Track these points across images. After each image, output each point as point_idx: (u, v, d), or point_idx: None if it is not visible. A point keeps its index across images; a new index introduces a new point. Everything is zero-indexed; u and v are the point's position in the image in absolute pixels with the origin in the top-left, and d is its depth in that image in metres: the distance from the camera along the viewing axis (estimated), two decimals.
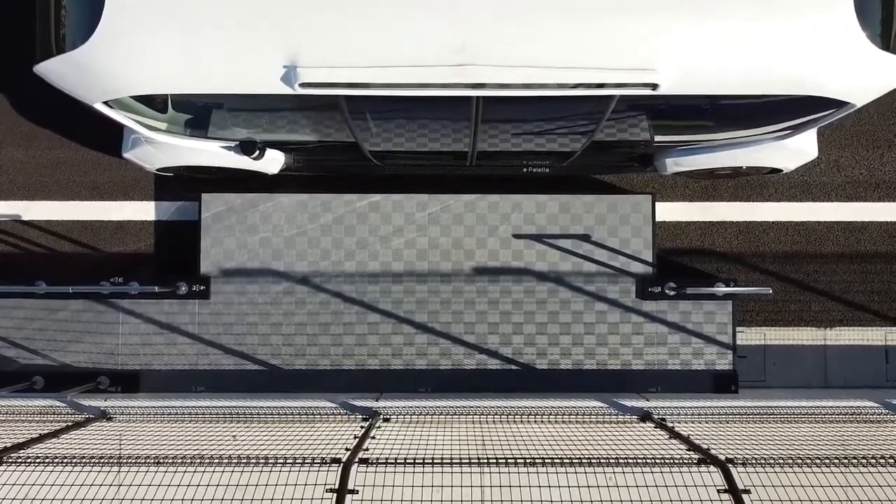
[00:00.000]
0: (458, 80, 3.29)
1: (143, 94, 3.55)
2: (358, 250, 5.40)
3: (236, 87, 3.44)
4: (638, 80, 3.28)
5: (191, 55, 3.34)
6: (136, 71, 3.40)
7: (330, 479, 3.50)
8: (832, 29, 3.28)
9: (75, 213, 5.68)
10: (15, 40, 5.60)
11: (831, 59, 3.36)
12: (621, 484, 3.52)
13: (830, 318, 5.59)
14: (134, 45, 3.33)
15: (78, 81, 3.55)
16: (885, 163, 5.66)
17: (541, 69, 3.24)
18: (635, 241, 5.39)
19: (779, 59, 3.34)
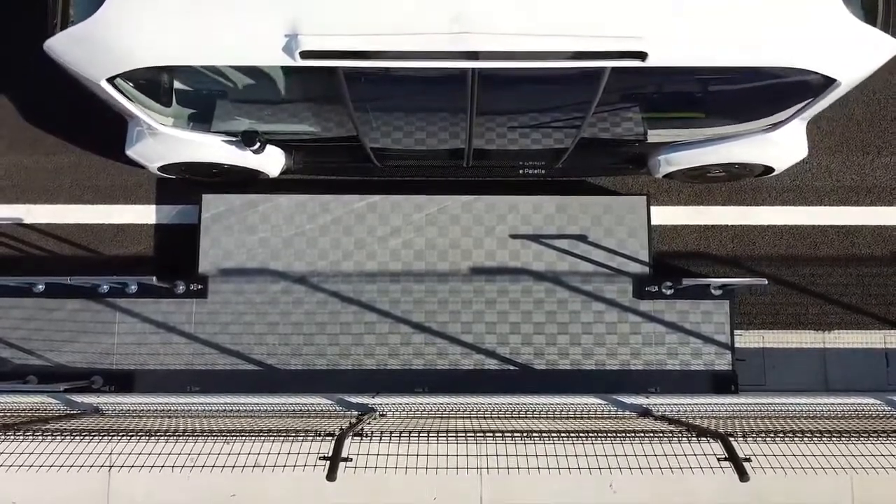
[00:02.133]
0: (454, 48, 3.40)
1: (147, 66, 3.64)
2: (356, 250, 5.44)
3: (239, 59, 3.55)
4: (626, 48, 3.39)
5: (196, 26, 3.46)
6: (142, 42, 3.52)
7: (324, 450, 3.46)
8: (812, 3, 3.42)
9: (76, 217, 5.75)
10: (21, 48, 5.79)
11: (813, 31, 3.49)
12: (620, 454, 3.46)
13: (829, 322, 5.58)
14: (141, 16, 3.45)
15: (85, 56, 3.66)
16: (875, 168, 5.76)
17: (532, 37, 3.36)
18: (631, 241, 5.43)
19: (762, 31, 3.46)
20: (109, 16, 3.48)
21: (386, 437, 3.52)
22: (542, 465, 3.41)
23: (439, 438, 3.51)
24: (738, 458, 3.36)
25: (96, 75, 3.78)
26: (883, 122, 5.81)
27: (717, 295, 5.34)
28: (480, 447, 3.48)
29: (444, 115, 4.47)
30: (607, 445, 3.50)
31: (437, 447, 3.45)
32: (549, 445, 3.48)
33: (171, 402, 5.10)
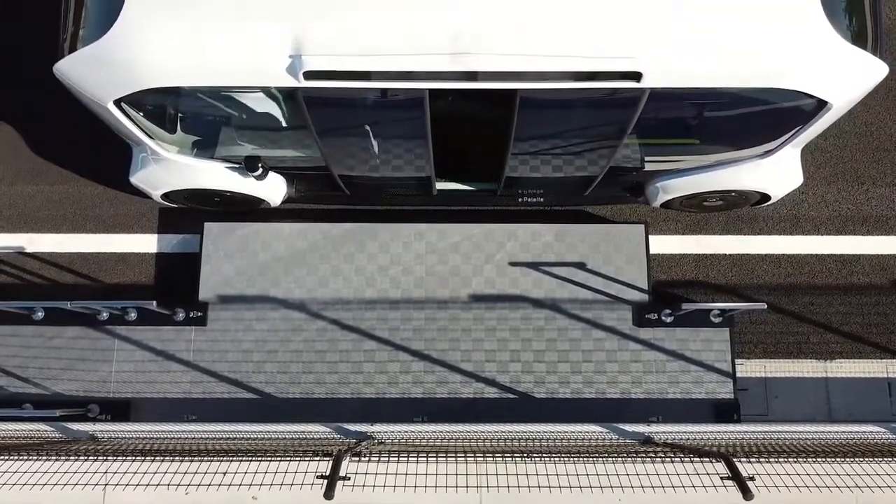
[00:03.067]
0: (454, 69, 3.49)
1: (154, 88, 3.72)
2: (355, 277, 5.45)
3: (244, 80, 3.63)
4: (621, 69, 3.47)
5: (202, 48, 3.55)
6: (149, 64, 3.60)
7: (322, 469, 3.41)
8: (801, 22, 3.51)
9: (78, 246, 5.78)
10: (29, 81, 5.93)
11: (804, 54, 3.57)
12: (622, 472, 3.42)
13: (830, 351, 5.55)
14: (148, 38, 3.55)
15: (93, 78, 3.75)
16: (870, 198, 5.82)
17: (529, 58, 3.45)
18: (630, 269, 5.45)
19: (752, 52, 3.55)
20: (117, 39, 3.57)
21: (384, 457, 3.47)
22: (543, 485, 3.36)
23: (438, 458, 3.47)
24: (742, 477, 3.32)
25: (104, 98, 3.86)
26: (877, 152, 5.90)
27: (717, 322, 5.33)
28: (480, 466, 3.43)
29: (407, 141, 4.52)
30: (609, 465, 3.46)
31: (437, 466, 3.41)
32: (549, 465, 3.43)
33: (167, 431, 5.06)
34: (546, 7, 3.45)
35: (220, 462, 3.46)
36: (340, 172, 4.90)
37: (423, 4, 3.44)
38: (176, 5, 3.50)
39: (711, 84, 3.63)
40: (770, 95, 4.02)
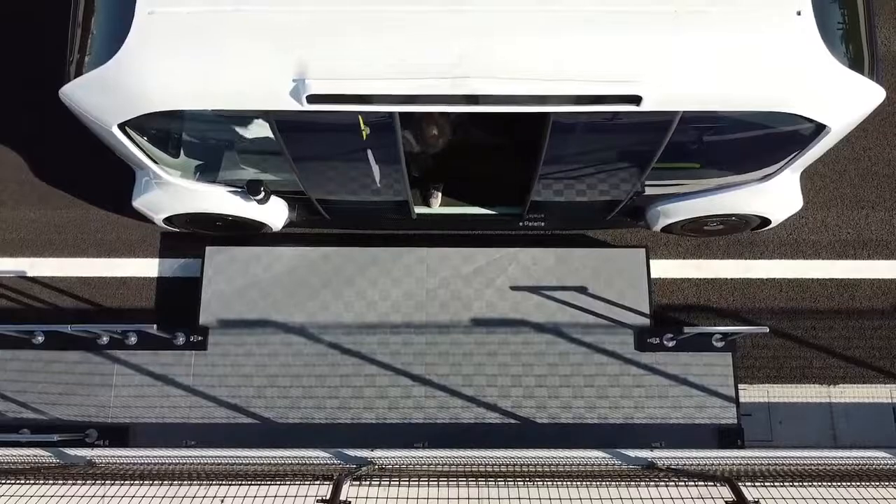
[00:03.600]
0: (455, 92, 3.52)
1: (159, 111, 3.75)
2: (357, 301, 5.45)
3: (248, 104, 3.67)
4: (622, 92, 3.51)
5: (207, 72, 3.59)
6: (154, 87, 3.64)
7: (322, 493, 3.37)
8: (797, 47, 3.56)
9: (79, 270, 5.78)
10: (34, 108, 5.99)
11: (803, 78, 3.61)
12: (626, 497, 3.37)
13: (833, 375, 5.52)
14: (153, 62, 3.59)
15: (99, 102, 3.78)
16: (870, 223, 5.83)
17: (529, 81, 3.49)
18: (631, 293, 5.44)
19: (750, 76, 3.59)
20: (123, 64, 3.61)
21: (385, 482, 3.44)
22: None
23: (440, 482, 3.43)
24: (747, 501, 3.28)
25: (109, 122, 3.89)
26: (875, 178, 5.93)
27: (720, 347, 5.31)
28: (482, 490, 3.39)
29: (382, 164, 4.54)
30: (612, 489, 3.42)
31: (438, 490, 3.37)
32: (552, 489, 3.40)
33: (165, 456, 5.01)
34: (547, 32, 3.49)
35: (220, 486, 3.42)
36: (317, 196, 4.92)
37: (425, 29, 3.49)
38: (180, 31, 3.55)
39: (711, 108, 3.66)
40: (769, 119, 4.06)
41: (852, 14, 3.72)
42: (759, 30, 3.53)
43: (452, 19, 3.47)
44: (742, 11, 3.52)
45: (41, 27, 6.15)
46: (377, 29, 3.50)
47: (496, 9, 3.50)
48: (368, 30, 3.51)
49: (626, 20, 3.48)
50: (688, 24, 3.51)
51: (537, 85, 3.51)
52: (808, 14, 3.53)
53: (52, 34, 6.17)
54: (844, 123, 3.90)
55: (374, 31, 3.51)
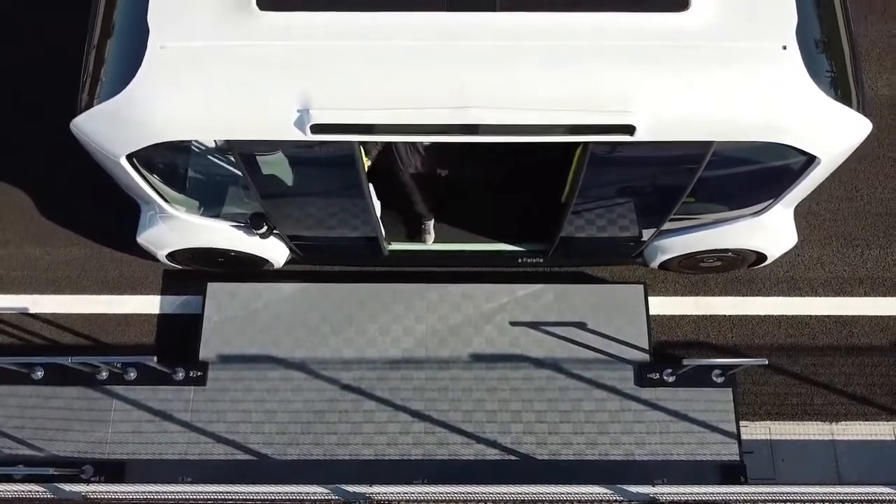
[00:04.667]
0: (455, 122, 3.64)
1: (167, 141, 3.86)
2: (356, 337, 5.46)
3: (254, 134, 3.78)
4: (616, 122, 3.63)
5: (213, 103, 3.71)
6: (163, 118, 3.76)
7: None
8: (783, 80, 3.68)
9: (81, 307, 5.82)
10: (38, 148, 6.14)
11: (792, 110, 3.73)
12: None
13: (835, 412, 5.50)
14: (163, 95, 3.71)
15: (108, 133, 3.89)
16: (865, 260, 5.90)
17: (526, 111, 3.61)
18: (630, 328, 5.47)
19: (740, 107, 3.71)
20: (133, 95, 3.74)
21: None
22: None
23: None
24: None
25: (117, 152, 4.00)
26: (868, 216, 6.02)
27: (720, 382, 5.31)
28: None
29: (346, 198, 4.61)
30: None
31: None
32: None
33: (161, 492, 4.96)
34: (543, 65, 3.63)
35: None
36: (287, 232, 5.00)
37: (426, 62, 3.63)
38: (190, 64, 3.69)
39: (701, 138, 3.77)
40: (761, 151, 4.17)
41: (837, 50, 3.87)
42: (747, 63, 3.67)
43: (453, 53, 3.61)
44: (731, 46, 3.67)
45: (45, 68, 6.34)
46: (380, 62, 3.64)
47: (495, 43, 3.65)
48: (371, 63, 3.65)
49: (621, 54, 3.62)
50: (681, 59, 3.65)
51: (534, 114, 3.63)
52: (794, 49, 3.68)
53: (56, 75, 6.40)
54: (833, 155, 4.00)
55: (376, 64, 3.64)
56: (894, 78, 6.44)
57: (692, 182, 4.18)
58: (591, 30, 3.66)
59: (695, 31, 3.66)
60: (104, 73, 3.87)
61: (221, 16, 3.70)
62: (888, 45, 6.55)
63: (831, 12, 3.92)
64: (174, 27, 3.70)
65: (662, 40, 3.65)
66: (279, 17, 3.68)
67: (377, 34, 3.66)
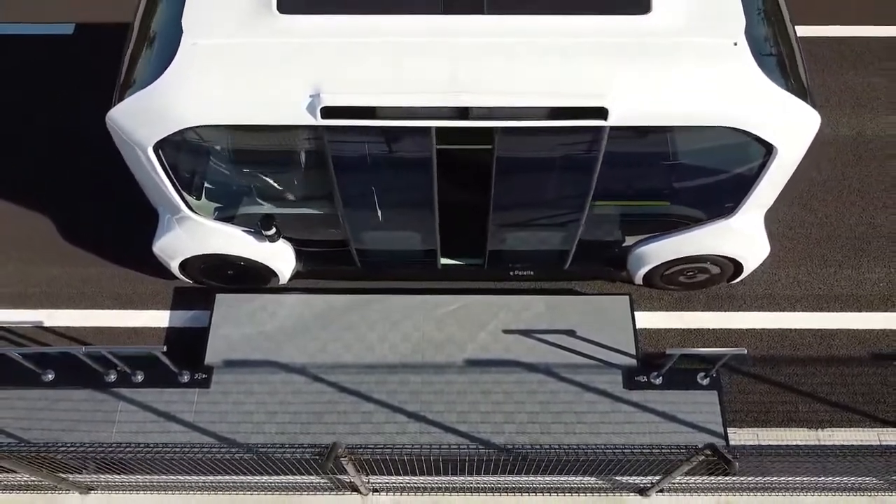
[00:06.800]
0: (449, 104, 4.11)
1: (194, 126, 4.31)
2: (356, 344, 5.71)
3: (272, 118, 4.24)
4: (590, 104, 4.11)
5: (236, 90, 4.19)
6: (190, 104, 4.22)
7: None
8: (735, 71, 4.18)
9: (94, 321, 6.09)
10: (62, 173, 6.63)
11: (738, 95, 4.18)
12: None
13: (820, 419, 5.65)
14: (191, 83, 4.20)
15: (140, 122, 4.35)
16: (839, 279, 6.23)
17: (510, 95, 4.10)
18: (618, 336, 5.72)
19: (698, 95, 4.18)
20: (164, 84, 4.23)
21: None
22: None
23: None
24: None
25: (147, 141, 4.44)
26: (839, 240, 6.41)
27: (705, 385, 5.51)
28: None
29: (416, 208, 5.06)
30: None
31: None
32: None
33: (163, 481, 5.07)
34: (526, 57, 4.14)
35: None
36: (358, 245, 5.42)
37: (425, 54, 4.14)
38: (217, 57, 4.20)
39: (667, 122, 4.23)
40: (722, 148, 4.62)
41: (782, 48, 4.41)
42: (703, 57, 4.19)
43: (447, 47, 4.14)
44: (689, 43, 4.20)
45: (61, 89, 6.94)
46: (383, 55, 4.16)
47: (483, 40, 4.19)
48: (376, 56, 4.16)
49: (594, 49, 4.15)
50: (645, 54, 4.18)
51: (518, 98, 4.11)
52: (744, 45, 4.21)
53: (76, 96, 6.99)
54: (788, 144, 4.44)
55: (380, 57, 4.16)
56: (853, 120, 7.03)
57: (594, 172, 4.57)
58: (566, 29, 4.21)
59: (656, 30, 4.21)
60: (139, 70, 4.39)
61: (247, 18, 4.26)
62: (845, 91, 7.19)
63: (777, 17, 4.50)
64: (205, 27, 4.25)
65: (629, 38, 4.19)
66: (297, 19, 4.24)
67: (381, 33, 4.20)
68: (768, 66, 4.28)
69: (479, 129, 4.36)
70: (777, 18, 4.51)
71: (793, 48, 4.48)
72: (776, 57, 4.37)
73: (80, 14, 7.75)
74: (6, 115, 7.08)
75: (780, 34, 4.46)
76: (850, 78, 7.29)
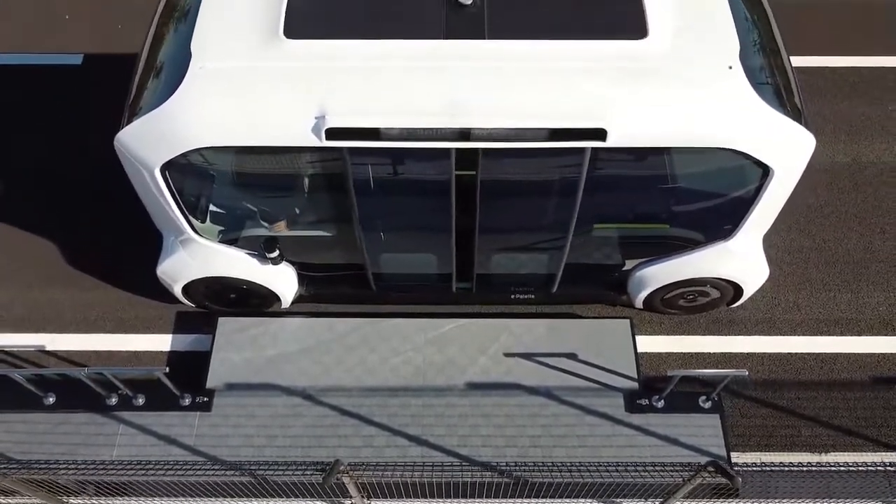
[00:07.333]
0: (451, 126, 4.19)
1: (203, 147, 4.38)
2: (357, 367, 5.71)
3: (277, 140, 4.31)
4: (590, 126, 4.19)
5: (244, 112, 4.27)
6: (197, 126, 4.30)
7: None
8: (730, 94, 4.26)
9: (96, 345, 6.10)
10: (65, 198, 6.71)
11: (734, 117, 4.26)
12: None
13: (823, 444, 5.62)
14: (198, 106, 4.28)
15: (147, 144, 4.42)
16: (838, 303, 6.25)
17: (511, 117, 4.19)
18: (619, 359, 5.73)
19: (695, 117, 4.26)
20: (172, 107, 4.31)
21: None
22: None
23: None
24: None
25: (154, 163, 4.52)
26: (837, 264, 6.46)
27: (707, 408, 5.50)
28: None
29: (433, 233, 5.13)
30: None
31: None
32: None
33: None
34: (527, 80, 4.24)
35: None
36: (374, 269, 5.48)
37: (426, 78, 4.24)
38: (224, 80, 4.29)
39: (665, 144, 4.31)
40: (720, 171, 4.70)
41: (776, 72, 4.51)
42: (699, 80, 4.29)
43: (449, 71, 4.24)
44: (685, 67, 4.30)
45: (68, 117, 7.04)
46: (387, 78, 4.26)
47: (484, 64, 4.29)
48: (380, 79, 4.26)
49: (593, 72, 4.25)
50: (645, 75, 4.27)
51: (519, 120, 4.19)
52: (738, 68, 4.31)
53: (83, 124, 7.10)
54: (784, 166, 4.51)
55: (384, 80, 4.26)
56: (848, 147, 7.14)
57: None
58: (566, 54, 4.31)
59: (653, 54, 4.31)
60: (148, 94, 4.48)
61: (255, 43, 4.37)
62: (840, 119, 7.31)
63: (772, 44, 4.62)
64: (213, 51, 4.36)
65: (626, 62, 4.30)
66: (302, 44, 4.35)
67: (385, 57, 4.31)
68: (763, 89, 4.37)
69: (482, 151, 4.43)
70: (771, 45, 4.63)
71: (787, 73, 4.59)
72: (770, 80, 4.47)
73: (88, 45, 7.92)
74: (11, 142, 7.19)
75: (774, 59, 4.57)
76: (845, 107, 7.42)
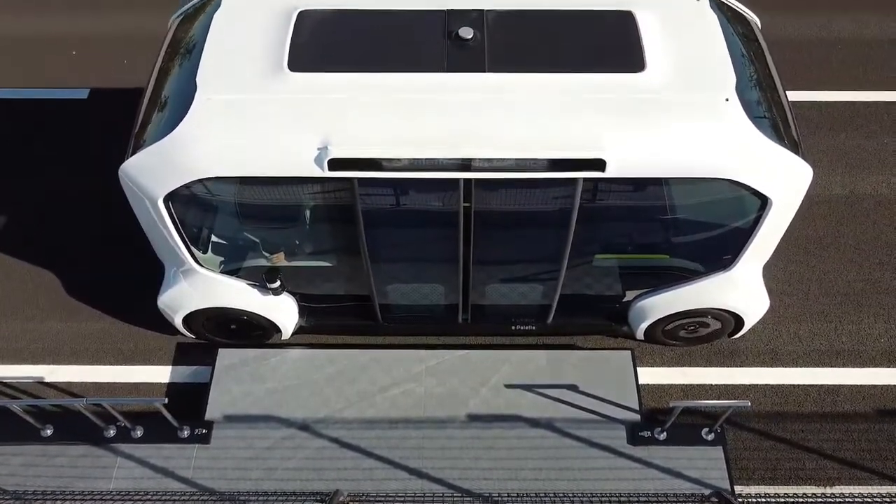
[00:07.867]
0: (452, 156, 4.24)
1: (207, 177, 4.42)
2: (357, 399, 5.68)
3: (281, 171, 4.36)
4: (589, 156, 4.23)
5: (248, 144, 4.32)
6: (201, 157, 4.35)
7: None
8: (727, 126, 4.31)
9: (95, 376, 6.07)
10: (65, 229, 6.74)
11: (731, 148, 4.29)
12: None
13: (828, 477, 5.56)
14: (203, 137, 4.33)
15: (151, 174, 4.46)
16: (840, 334, 6.24)
17: (511, 148, 4.24)
18: (620, 391, 5.70)
19: (693, 148, 4.31)
20: (177, 138, 4.36)
21: None
22: None
23: None
24: None
25: (157, 193, 4.56)
26: (837, 296, 6.46)
27: (710, 440, 5.45)
28: None
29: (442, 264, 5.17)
30: None
31: None
32: None
33: None
34: (527, 112, 4.30)
35: None
36: (382, 299, 5.50)
37: (429, 109, 4.30)
38: (229, 112, 4.35)
39: (663, 174, 4.36)
40: (718, 203, 4.74)
41: (772, 104, 4.58)
42: (696, 112, 4.35)
43: (451, 103, 4.31)
44: (682, 99, 4.36)
45: (72, 150, 7.11)
46: (389, 110, 4.32)
47: (485, 96, 4.36)
48: (382, 111, 4.32)
49: (592, 104, 4.31)
50: (641, 109, 4.34)
51: (519, 151, 4.25)
52: (735, 101, 4.37)
53: (86, 157, 7.16)
54: (781, 196, 4.55)
55: (386, 112, 4.32)
56: (845, 179, 7.20)
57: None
58: (565, 86, 4.38)
59: (651, 87, 4.38)
60: (153, 125, 4.54)
61: (260, 75, 4.44)
62: (835, 152, 7.39)
63: (767, 78, 4.70)
64: (219, 84, 4.42)
65: (625, 94, 4.36)
66: (306, 77, 4.42)
67: (387, 89, 4.38)
68: (760, 122, 4.43)
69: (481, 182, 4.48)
70: (767, 79, 4.70)
71: (783, 106, 4.66)
72: (767, 113, 4.53)
73: (94, 80, 8.05)
74: (17, 174, 7.25)
75: (771, 93, 4.64)
76: (841, 140, 7.51)
